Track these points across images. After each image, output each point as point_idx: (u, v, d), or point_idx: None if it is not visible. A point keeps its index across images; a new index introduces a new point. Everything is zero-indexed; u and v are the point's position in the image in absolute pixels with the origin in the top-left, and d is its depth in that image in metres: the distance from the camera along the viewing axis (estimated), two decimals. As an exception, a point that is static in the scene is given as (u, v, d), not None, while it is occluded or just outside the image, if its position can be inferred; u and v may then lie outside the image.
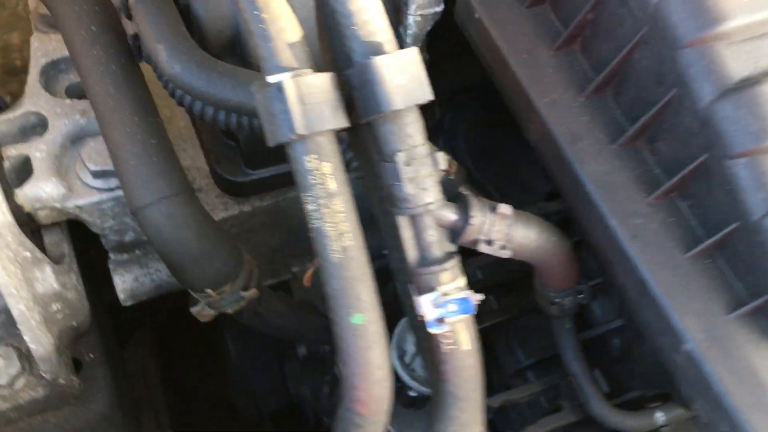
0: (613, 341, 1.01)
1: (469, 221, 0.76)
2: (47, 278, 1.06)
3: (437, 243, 0.76)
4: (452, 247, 0.77)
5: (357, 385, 0.74)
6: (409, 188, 0.72)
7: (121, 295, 1.24)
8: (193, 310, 1.09)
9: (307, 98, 0.68)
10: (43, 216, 1.10)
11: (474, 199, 0.77)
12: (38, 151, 1.08)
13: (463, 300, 0.74)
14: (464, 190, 0.78)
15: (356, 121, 0.72)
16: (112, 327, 1.39)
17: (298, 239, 1.33)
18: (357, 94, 0.71)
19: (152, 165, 0.97)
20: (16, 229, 0.99)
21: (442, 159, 0.74)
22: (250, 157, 1.15)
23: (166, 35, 0.87)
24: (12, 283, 0.95)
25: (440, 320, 0.75)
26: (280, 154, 1.15)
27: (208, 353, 2.05)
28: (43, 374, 1.06)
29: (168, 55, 0.87)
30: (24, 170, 1.07)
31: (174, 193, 0.97)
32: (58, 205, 1.08)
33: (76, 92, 1.18)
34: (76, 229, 1.18)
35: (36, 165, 1.06)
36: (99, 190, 1.09)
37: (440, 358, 0.77)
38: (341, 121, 0.70)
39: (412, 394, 1.16)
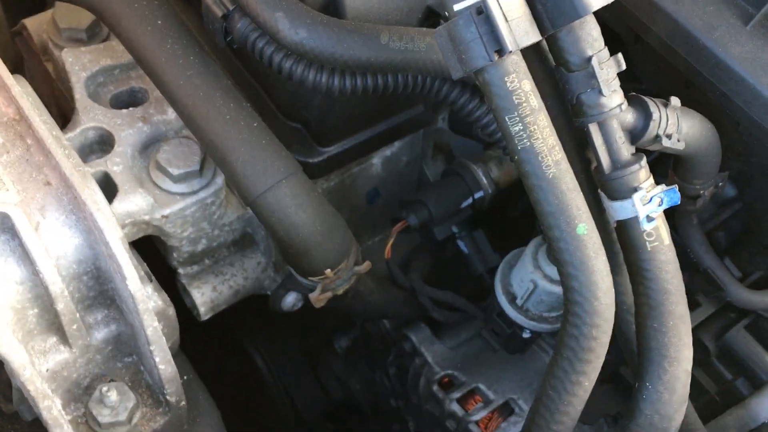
0: (718, 234, 1.06)
1: (652, 117, 0.78)
2: (152, 296, 0.99)
3: (626, 145, 0.77)
4: (633, 149, 0.79)
5: (590, 296, 0.74)
6: (604, 91, 0.74)
7: (201, 309, 1.17)
8: (312, 295, 1.05)
9: (509, 15, 0.68)
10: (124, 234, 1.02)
11: (647, 98, 0.79)
12: (115, 165, 1.00)
13: (670, 191, 0.76)
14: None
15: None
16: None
17: (359, 217, 1.31)
18: (542, 8, 0.71)
19: (264, 148, 0.93)
20: (127, 245, 0.92)
21: (622, 58, 0.75)
22: (322, 134, 1.11)
23: (281, 2, 0.84)
24: (144, 299, 0.88)
25: (649, 217, 0.76)
26: (350, 125, 1.14)
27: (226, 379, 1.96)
28: (169, 397, 0.99)
29: (290, 21, 0.83)
30: (105, 187, 0.99)
31: (292, 172, 0.94)
32: (147, 217, 1.00)
33: (119, 102, 1.10)
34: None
35: (118, 179, 0.99)
36: (182, 195, 1.03)
37: (645, 257, 0.79)
38: (537, 35, 0.70)
39: (526, 335, 1.17)
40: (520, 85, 0.70)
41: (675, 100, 0.80)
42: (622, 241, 0.80)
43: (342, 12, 0.93)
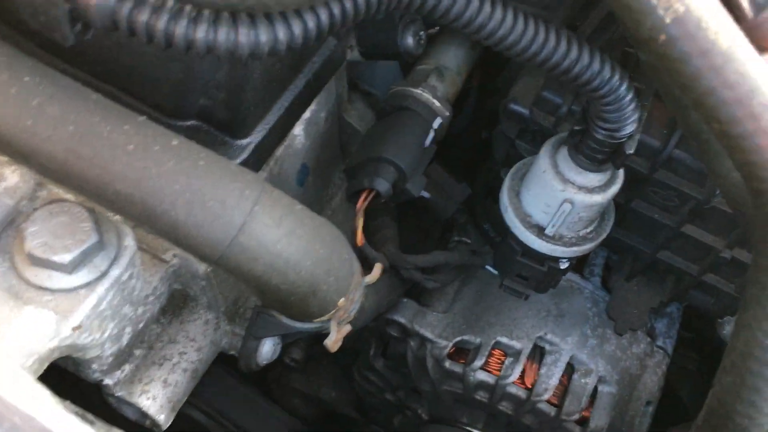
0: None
1: None
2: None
3: (757, -29, 0.53)
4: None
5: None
6: None
7: (159, 418, 0.83)
8: (329, 341, 0.75)
9: None
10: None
11: None
12: (-31, 287, 0.61)
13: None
14: None
15: None
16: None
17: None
18: None
19: (207, 171, 0.60)
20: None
21: None
22: (235, 122, 0.78)
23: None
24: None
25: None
26: (269, 94, 0.81)
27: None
28: None
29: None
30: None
31: (261, 189, 0.61)
32: (54, 342, 0.64)
33: None
34: None
35: (-13, 307, 0.61)
36: (89, 285, 0.67)
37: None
38: None
39: (564, 265, 0.94)
40: None
41: None
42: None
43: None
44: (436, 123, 0.95)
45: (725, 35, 0.46)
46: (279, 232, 0.61)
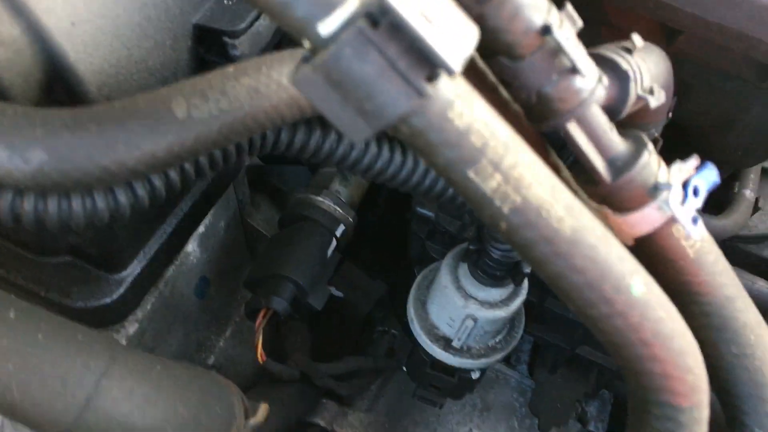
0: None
1: (629, 78, 0.51)
2: None
3: (614, 132, 0.51)
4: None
5: (679, 372, 0.49)
6: (581, 68, 0.46)
7: None
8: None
9: (431, 15, 0.37)
10: None
11: (608, 52, 0.52)
12: None
13: (704, 171, 0.51)
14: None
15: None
16: None
17: (195, 321, 0.95)
18: None
19: (55, 345, 0.56)
20: None
21: (574, 11, 0.47)
22: (109, 257, 0.73)
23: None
24: None
25: (694, 218, 0.51)
26: (148, 222, 0.76)
27: None
28: None
29: (7, 147, 0.45)
30: None
31: (110, 359, 0.57)
32: None
33: None
34: None
35: None
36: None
37: (691, 269, 0.54)
38: (474, 28, 0.40)
39: (476, 376, 0.91)
40: (474, 115, 0.40)
41: (638, 39, 0.53)
42: (647, 258, 0.54)
43: (80, 87, 0.55)
44: (339, 231, 0.91)
45: (569, 220, 0.43)
46: (131, 404, 0.56)
